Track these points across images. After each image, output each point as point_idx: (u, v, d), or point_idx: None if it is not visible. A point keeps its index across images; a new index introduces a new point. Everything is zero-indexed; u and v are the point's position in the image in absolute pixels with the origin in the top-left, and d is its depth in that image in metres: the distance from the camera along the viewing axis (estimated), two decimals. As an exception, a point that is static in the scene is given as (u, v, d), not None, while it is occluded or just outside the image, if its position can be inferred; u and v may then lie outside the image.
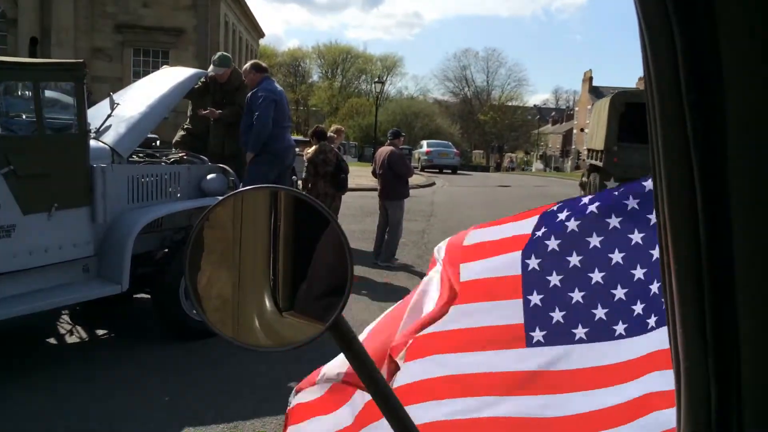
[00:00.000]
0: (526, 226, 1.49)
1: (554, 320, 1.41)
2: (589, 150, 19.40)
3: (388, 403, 0.81)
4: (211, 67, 7.23)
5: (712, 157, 0.43)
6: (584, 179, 20.23)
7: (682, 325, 0.49)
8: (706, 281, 0.45)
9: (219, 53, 7.58)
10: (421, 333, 1.45)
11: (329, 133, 8.86)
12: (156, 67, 7.94)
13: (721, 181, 0.42)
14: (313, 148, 8.33)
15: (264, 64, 7.49)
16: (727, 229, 0.43)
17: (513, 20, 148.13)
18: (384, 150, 9.17)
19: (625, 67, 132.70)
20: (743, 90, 0.41)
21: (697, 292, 0.46)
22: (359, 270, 8.32)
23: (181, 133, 7.50)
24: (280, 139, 6.99)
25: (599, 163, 16.28)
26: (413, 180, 10.62)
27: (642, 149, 13.48)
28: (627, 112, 15.09)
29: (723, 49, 0.41)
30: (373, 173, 9.40)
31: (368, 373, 0.80)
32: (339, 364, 1.52)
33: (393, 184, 8.97)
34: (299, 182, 8.44)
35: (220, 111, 7.10)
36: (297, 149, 8.35)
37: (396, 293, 7.34)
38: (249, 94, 6.91)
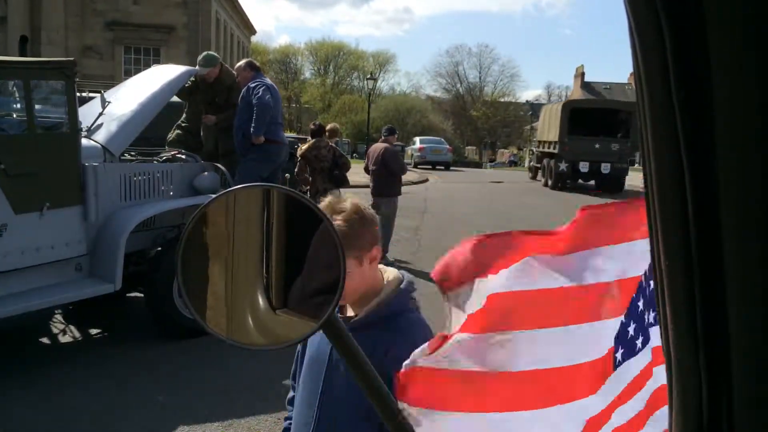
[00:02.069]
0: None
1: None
2: (540, 141, 26.66)
3: (383, 402, 0.81)
4: (198, 67, 7.19)
5: (701, 154, 0.43)
6: (532, 164, 29.18)
7: (674, 318, 0.49)
8: (696, 276, 0.46)
9: (205, 53, 7.54)
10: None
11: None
12: (147, 65, 7.88)
13: (710, 178, 0.43)
14: (308, 143, 8.32)
15: (257, 64, 7.47)
16: (717, 225, 0.43)
17: (503, 16, 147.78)
18: (378, 147, 9.16)
19: (616, 61, 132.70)
20: (733, 88, 0.41)
21: (688, 286, 0.47)
22: (353, 267, 8.31)
23: (177, 131, 7.46)
24: (273, 133, 6.97)
25: (554, 151, 23.39)
26: (406, 177, 10.63)
27: (583, 140, 22.26)
28: (572, 114, 22.62)
29: (712, 47, 0.41)
30: (366, 170, 9.39)
31: (361, 370, 0.80)
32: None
33: (386, 181, 8.96)
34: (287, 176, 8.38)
35: (214, 117, 7.05)
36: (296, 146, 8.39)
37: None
38: (243, 90, 6.91)
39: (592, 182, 23.46)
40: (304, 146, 8.36)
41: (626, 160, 23.15)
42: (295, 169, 8.60)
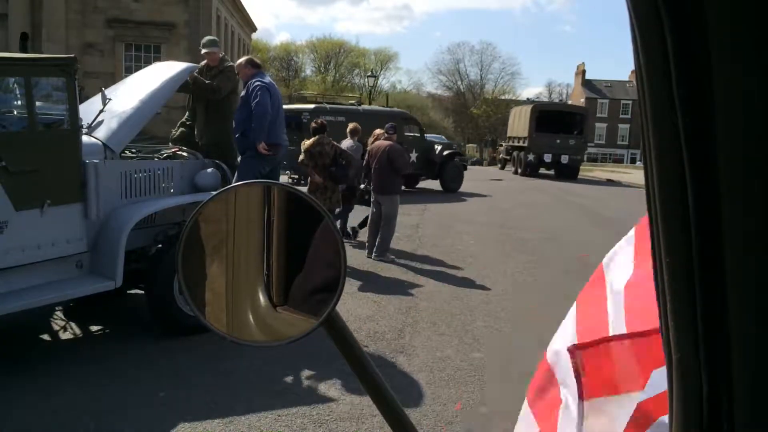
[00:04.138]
0: None
1: None
2: (510, 137, 33.21)
3: (384, 400, 0.81)
4: (203, 50, 7.17)
5: (703, 152, 0.43)
6: (502, 156, 35.81)
7: (674, 317, 0.49)
8: (696, 273, 0.46)
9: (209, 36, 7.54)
10: None
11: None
12: (148, 62, 7.87)
13: (711, 175, 0.43)
14: (312, 139, 8.35)
15: (258, 61, 7.47)
16: (718, 222, 0.43)
17: (503, 12, 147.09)
18: (381, 144, 9.09)
19: (617, 59, 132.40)
20: (734, 85, 0.41)
21: (688, 283, 0.47)
22: (353, 264, 8.32)
23: (181, 129, 7.44)
24: (273, 134, 6.98)
25: (523, 144, 29.45)
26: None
27: (546, 136, 27.87)
28: (539, 114, 28.65)
29: (713, 43, 0.41)
30: (368, 167, 9.36)
31: (362, 368, 0.80)
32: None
33: (388, 179, 8.94)
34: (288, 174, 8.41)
35: (200, 77, 6.92)
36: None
37: (390, 287, 7.34)
38: (244, 88, 6.92)
39: (552, 171, 29.13)
40: (308, 142, 8.40)
41: (581, 153, 29.32)
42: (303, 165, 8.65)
